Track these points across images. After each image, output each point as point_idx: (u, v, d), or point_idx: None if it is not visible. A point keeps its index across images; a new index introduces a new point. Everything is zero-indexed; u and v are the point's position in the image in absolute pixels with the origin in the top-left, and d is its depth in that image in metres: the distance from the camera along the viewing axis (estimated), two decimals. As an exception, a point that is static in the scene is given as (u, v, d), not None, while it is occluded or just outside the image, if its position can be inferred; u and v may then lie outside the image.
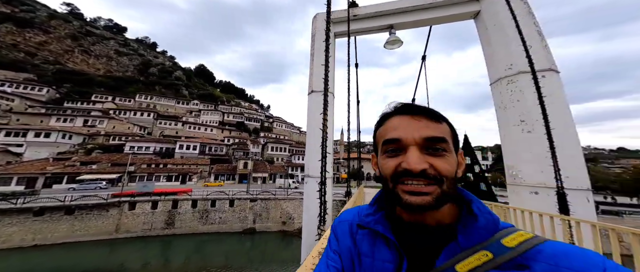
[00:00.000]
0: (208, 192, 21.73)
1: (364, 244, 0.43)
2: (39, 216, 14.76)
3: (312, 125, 5.16)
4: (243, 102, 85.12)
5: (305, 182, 4.98)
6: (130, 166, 26.45)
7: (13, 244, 13.60)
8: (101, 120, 37.83)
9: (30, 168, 22.30)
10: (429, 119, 0.38)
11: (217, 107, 63.52)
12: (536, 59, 3.79)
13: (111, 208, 17.23)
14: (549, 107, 3.56)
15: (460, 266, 0.33)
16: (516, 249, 0.33)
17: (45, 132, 28.36)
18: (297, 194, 22.35)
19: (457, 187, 0.39)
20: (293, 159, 45.12)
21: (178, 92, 67.03)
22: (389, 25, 6.10)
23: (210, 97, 71.48)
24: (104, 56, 70.06)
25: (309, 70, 6.02)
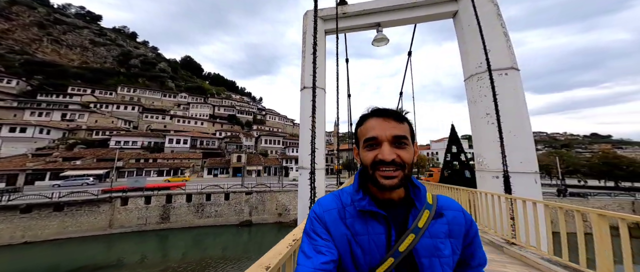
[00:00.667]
0: (203, 186, 21.74)
1: (356, 225, 0.51)
2: (26, 213, 14.25)
3: (304, 121, 5.47)
4: (234, 95, 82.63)
5: (300, 174, 5.43)
6: (118, 161, 25.54)
7: (2, 242, 13.17)
8: (81, 114, 35.56)
9: (9, 165, 20.98)
10: (396, 121, 0.51)
11: (206, 100, 61.35)
12: (500, 58, 4.33)
13: (102, 204, 16.90)
14: (508, 101, 4.08)
15: (420, 223, 0.50)
16: (433, 204, 0.53)
17: (20, 126, 26.39)
18: (292, 186, 22.92)
19: (412, 170, 0.54)
20: (287, 151, 45.17)
21: (163, 84, 63.65)
22: (377, 23, 6.45)
23: (199, 89, 68.64)
24: (78, 46, 64.32)
25: (301, 66, 6.26)
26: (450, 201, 0.56)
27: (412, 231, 0.49)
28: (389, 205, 0.53)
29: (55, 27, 64.61)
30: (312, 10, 5.92)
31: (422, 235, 0.49)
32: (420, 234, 0.49)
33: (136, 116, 42.46)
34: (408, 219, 0.51)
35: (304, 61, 6.24)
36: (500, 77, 4.25)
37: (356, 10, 6.50)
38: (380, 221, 0.51)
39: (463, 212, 0.55)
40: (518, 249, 2.68)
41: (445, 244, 0.50)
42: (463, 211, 0.55)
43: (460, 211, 0.54)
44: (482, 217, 3.62)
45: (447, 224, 0.52)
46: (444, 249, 0.50)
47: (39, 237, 14.17)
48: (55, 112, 33.34)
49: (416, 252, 0.48)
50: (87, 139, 31.23)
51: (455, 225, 0.53)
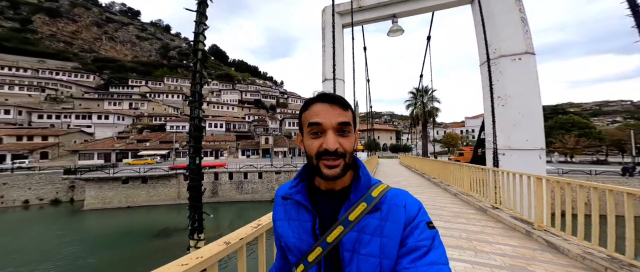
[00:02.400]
0: (240, 166, 24.97)
1: (292, 211, 0.54)
2: (125, 183, 18.93)
3: None
4: (258, 80, 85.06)
5: None
6: (175, 143, 30.47)
7: (114, 206, 18.11)
8: (142, 102, 41.74)
9: (103, 145, 26.98)
10: (341, 107, 0.49)
11: (234, 86, 64.91)
12: (515, 44, 4.35)
13: (171, 178, 21.04)
14: (519, 85, 4.30)
15: (351, 215, 0.48)
16: (376, 197, 0.49)
17: (104, 114, 32.77)
18: None
19: (354, 157, 0.52)
20: None
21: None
22: (392, 14, 6.49)
23: (227, 77, 72.42)
24: (128, 42, 71.55)
25: (322, 60, 6.64)
26: (401, 196, 0.50)
27: (340, 223, 0.48)
28: (329, 194, 0.52)
29: (108, 25, 72.15)
30: (330, 7, 6.12)
31: (351, 228, 0.47)
32: (349, 227, 0.47)
33: (181, 103, 47.93)
34: (340, 210, 0.50)
35: (325, 55, 6.53)
36: (514, 63, 4.36)
37: (372, 3, 6.51)
38: (309, 210, 0.52)
39: (405, 207, 0.48)
40: (498, 212, 3.46)
41: (371, 241, 0.46)
42: (406, 206, 0.48)
43: (402, 206, 0.48)
44: (477, 187, 4.31)
45: (380, 219, 0.48)
46: (366, 245, 0.46)
47: (135, 203, 18.87)
48: (124, 102, 39.84)
49: (342, 244, 0.48)
50: (149, 124, 37.24)
51: (389, 222, 0.47)
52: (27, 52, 49.01)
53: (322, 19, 6.79)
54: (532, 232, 2.76)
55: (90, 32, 67.65)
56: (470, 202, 4.22)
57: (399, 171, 11.63)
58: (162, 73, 58.46)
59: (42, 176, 19.32)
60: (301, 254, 0.51)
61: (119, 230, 14.20)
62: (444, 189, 5.70)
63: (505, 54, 4.32)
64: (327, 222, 0.50)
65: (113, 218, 16.31)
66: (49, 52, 51.86)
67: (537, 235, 2.67)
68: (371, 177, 0.54)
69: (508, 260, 2.36)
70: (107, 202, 18.16)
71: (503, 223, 3.23)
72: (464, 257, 2.45)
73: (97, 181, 18.27)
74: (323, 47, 6.59)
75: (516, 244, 2.65)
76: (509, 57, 4.30)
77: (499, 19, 4.55)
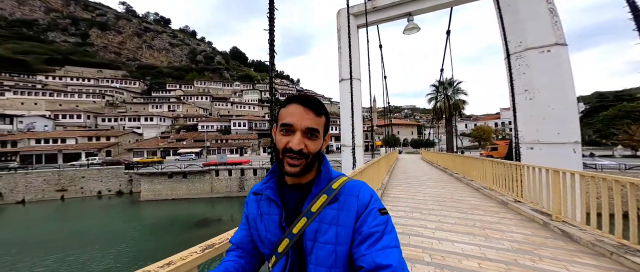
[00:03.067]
0: (262, 163, 26.74)
1: (263, 206, 0.58)
2: (170, 178, 21.93)
3: (344, 108, 6.30)
4: (275, 79, 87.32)
5: (343, 151, 6.57)
6: (207, 141, 33.69)
7: (162, 197, 21.18)
8: (177, 105, 46.45)
9: (151, 144, 31.08)
10: (315, 113, 0.52)
11: (255, 86, 67.90)
12: (542, 35, 4.13)
13: (205, 174, 23.55)
14: (547, 76, 4.07)
15: (313, 207, 0.51)
16: (336, 189, 0.53)
17: (149, 117, 37.47)
18: (333, 163, 25.39)
19: (320, 156, 0.56)
20: None
21: (221, 75, 73.18)
22: (407, 13, 6.37)
23: (247, 77, 75.96)
24: (162, 49, 78.86)
25: (338, 61, 6.77)
26: (355, 186, 0.54)
27: (304, 215, 0.51)
28: (295, 188, 0.56)
29: (146, 34, 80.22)
30: (345, 10, 6.31)
31: (314, 219, 0.50)
32: (311, 218, 0.50)
33: (209, 105, 52.04)
34: (304, 203, 0.53)
35: (341, 56, 6.63)
36: (542, 55, 4.06)
37: (386, 3, 6.46)
38: (277, 204, 0.55)
39: (357, 196, 0.51)
40: (519, 205, 3.44)
41: (328, 229, 0.49)
42: (358, 195, 0.51)
43: (355, 196, 0.51)
44: (501, 181, 4.28)
45: (337, 209, 0.51)
46: (324, 234, 0.49)
47: (178, 196, 21.73)
48: (164, 105, 44.79)
49: (305, 235, 0.50)
50: (184, 125, 41.48)
51: (344, 211, 0.50)
52: (88, 63, 57.52)
53: (337, 21, 6.91)
54: (549, 223, 2.80)
55: (133, 42, 76.14)
56: (492, 196, 4.21)
57: (419, 166, 11.32)
58: (191, 76, 63.76)
59: (109, 171, 23.26)
60: (272, 245, 0.54)
61: (167, 219, 16.65)
62: (467, 184, 5.64)
63: (532, 47, 4.17)
64: (292, 214, 0.54)
65: (161, 208, 19.11)
66: (103, 63, 60.11)
67: (553, 225, 2.72)
68: (333, 171, 0.58)
69: (516, 245, 2.42)
70: (157, 194, 21.25)
71: (522, 215, 3.25)
72: (473, 242, 2.57)
73: (149, 176, 21.43)
74: (339, 48, 6.73)
75: (530, 233, 2.69)
76: (536, 49, 4.15)
77: (524, 10, 4.35)
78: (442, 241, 2.67)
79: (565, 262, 2.11)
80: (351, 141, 5.11)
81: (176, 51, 79.88)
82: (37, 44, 59.93)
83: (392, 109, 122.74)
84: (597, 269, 1.95)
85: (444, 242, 2.63)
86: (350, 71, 5.59)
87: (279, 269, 0.52)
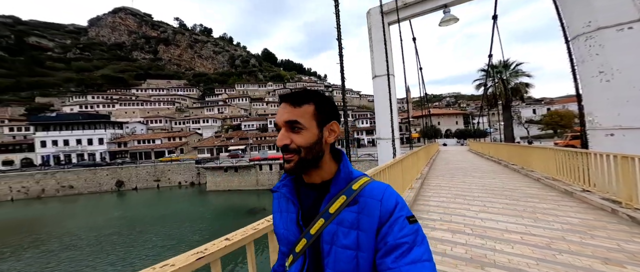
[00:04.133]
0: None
1: (282, 204, 0.56)
2: (226, 172, 26.29)
3: (379, 103, 6.33)
4: (303, 77, 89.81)
5: (379, 144, 6.66)
6: (247, 139, 38.20)
7: (221, 188, 25.71)
8: (224, 107, 53.37)
9: (209, 143, 37.23)
10: (291, 105, 0.49)
11: (285, 85, 71.37)
12: (618, 12, 3.62)
13: (252, 169, 27.12)
14: (635, 55, 3.48)
15: (331, 208, 0.48)
16: (356, 190, 0.48)
17: (205, 119, 44.54)
18: (365, 156, 24.85)
19: (339, 153, 0.52)
20: (356, 123, 45.55)
21: (256, 77, 79.27)
22: (443, 5, 5.94)
23: (278, 77, 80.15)
24: (209, 57, 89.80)
25: (370, 58, 6.72)
26: (378, 189, 0.48)
27: (321, 216, 0.48)
28: (311, 187, 0.53)
29: (196, 45, 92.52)
30: (375, 9, 6.34)
31: (332, 221, 0.47)
32: (329, 219, 0.47)
33: (248, 105, 57.79)
34: (321, 203, 0.49)
35: (373, 54, 6.61)
36: (621, 33, 3.56)
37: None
38: (294, 202, 0.53)
39: (381, 201, 0.45)
40: (587, 194, 3.26)
41: (348, 233, 0.45)
42: (382, 199, 0.46)
43: (378, 200, 0.46)
44: (567, 170, 4.02)
45: (357, 212, 0.46)
46: (343, 239, 0.46)
47: (232, 187, 25.89)
48: (214, 108, 52.15)
49: (322, 237, 0.48)
50: (231, 125, 47.64)
51: (364, 215, 0.45)
52: (160, 75, 70.95)
53: (368, 21, 6.85)
54: (618, 210, 2.58)
55: (187, 53, 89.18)
56: (555, 186, 4.00)
57: (465, 158, 10.55)
58: (233, 81, 71.33)
59: (185, 165, 29.34)
60: (290, 244, 0.53)
61: (227, 207, 20.29)
62: (525, 175, 5.29)
63: (606, 26, 3.69)
64: (309, 214, 0.51)
65: (221, 197, 23.25)
66: (170, 74, 72.98)
67: (622, 212, 2.50)
68: (354, 171, 0.54)
69: (569, 227, 2.22)
70: (217, 185, 25.80)
71: (588, 204, 3.02)
72: (519, 222, 2.44)
73: (211, 170, 26.13)
74: (371, 46, 6.70)
75: (591, 218, 2.50)
76: (612, 28, 3.66)
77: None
78: (486, 220, 2.60)
79: (620, 240, 1.96)
80: (390, 134, 5.51)
81: (219, 58, 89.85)
82: (127, 62, 76.83)
83: (430, 97, 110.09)
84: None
85: (488, 221, 2.55)
86: (387, 67, 5.67)
87: (297, 269, 0.51)
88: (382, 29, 6.22)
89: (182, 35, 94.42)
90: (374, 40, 6.52)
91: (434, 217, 2.83)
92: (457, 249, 2.01)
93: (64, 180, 25.60)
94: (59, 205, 22.24)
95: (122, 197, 24.91)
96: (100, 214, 18.89)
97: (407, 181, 4.00)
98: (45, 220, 17.94)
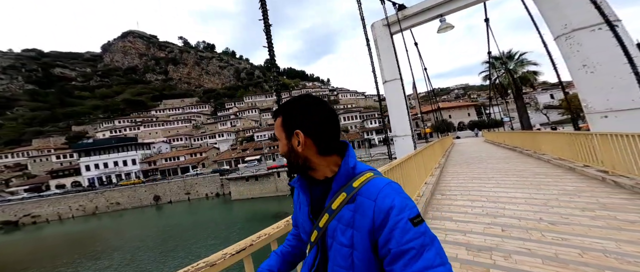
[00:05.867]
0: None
1: (300, 195, 0.61)
2: (247, 181, 29.00)
3: (391, 104, 6.65)
4: (307, 83, 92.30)
5: (395, 141, 6.71)
6: (265, 148, 41.08)
7: (244, 197, 28.11)
8: (236, 120, 56.69)
9: (226, 156, 40.29)
10: (273, 119, 0.57)
11: (291, 93, 74.22)
12: (588, 16, 3.89)
13: (270, 176, 29.32)
14: (610, 52, 3.64)
15: (333, 204, 0.50)
16: (356, 188, 0.49)
17: (221, 133, 47.89)
18: (379, 156, 25.75)
19: (342, 150, 0.55)
20: (365, 124, 45.89)
21: (262, 88, 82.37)
22: (438, 15, 6.61)
23: (283, 86, 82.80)
24: (215, 73, 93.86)
25: (378, 65, 7.21)
26: (375, 187, 0.47)
27: (326, 211, 0.51)
28: (317, 183, 0.56)
29: (202, 62, 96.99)
30: (378, 22, 6.80)
31: (334, 217, 0.49)
32: (332, 215, 0.50)
33: (258, 116, 60.86)
34: (327, 197, 0.53)
35: (381, 62, 6.91)
36: (593, 33, 3.92)
37: (415, 10, 6.54)
38: (307, 196, 0.58)
39: (375, 201, 0.44)
40: (586, 169, 3.69)
41: (345, 231, 0.47)
42: (377, 199, 0.44)
43: (372, 200, 0.45)
44: (570, 150, 4.40)
45: (353, 211, 0.47)
46: (340, 236, 0.48)
47: (254, 195, 27.96)
48: (227, 122, 55.57)
49: (327, 231, 0.51)
50: (244, 137, 50.75)
51: (359, 214, 0.46)
52: (173, 95, 75.47)
53: (372, 32, 7.12)
54: (606, 178, 3.00)
55: (195, 71, 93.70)
56: (562, 165, 4.33)
57: (481, 148, 10.92)
58: (241, 94, 74.60)
59: (209, 178, 32.30)
60: (306, 234, 0.58)
61: (253, 213, 21.92)
62: (537, 159, 5.56)
63: (580, 27, 4.03)
64: (317, 207, 0.55)
65: (246, 205, 25.08)
66: (182, 93, 77.41)
67: (609, 179, 2.96)
68: (359, 165, 0.53)
69: (563, 191, 2.76)
70: (241, 194, 28.33)
71: (586, 176, 3.43)
72: (526, 191, 2.99)
73: (234, 180, 28.75)
74: (378, 55, 6.96)
75: (583, 185, 2.93)
76: (586, 29, 4.00)
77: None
78: (498, 191, 3.22)
79: (599, 197, 2.46)
80: (406, 130, 6.10)
81: (225, 73, 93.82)
82: (142, 85, 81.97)
83: (438, 91, 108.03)
84: (622, 199, 2.27)
85: (500, 192, 3.16)
86: (399, 72, 6.20)
87: (311, 257, 0.55)
88: (388, 39, 6.74)
89: (188, 53, 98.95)
90: (380, 49, 6.82)
91: (455, 193, 3.49)
92: (476, 209, 2.71)
93: (112, 198, 28.65)
94: (111, 220, 24.93)
95: (160, 210, 27.71)
96: (150, 226, 21.54)
97: (428, 169, 4.54)
98: (104, 233, 20.79)
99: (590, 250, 1.63)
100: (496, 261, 1.65)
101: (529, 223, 2.17)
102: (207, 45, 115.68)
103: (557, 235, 1.89)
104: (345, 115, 48.83)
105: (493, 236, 2.02)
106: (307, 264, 0.57)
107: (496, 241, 1.93)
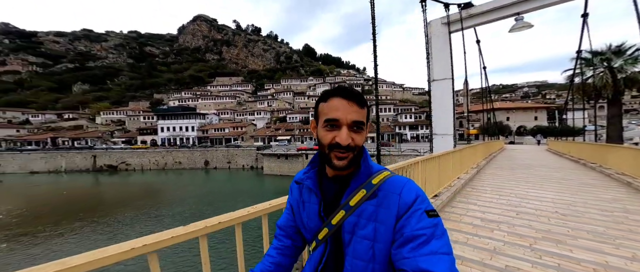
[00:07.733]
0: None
1: (304, 194, 0.59)
2: (278, 158, 30.13)
3: (436, 104, 6.45)
4: (342, 70, 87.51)
5: (434, 138, 6.55)
6: (296, 130, 41.71)
7: (274, 173, 29.63)
8: (273, 101, 59.18)
9: (261, 133, 42.83)
10: (358, 105, 0.49)
11: (325, 79, 71.81)
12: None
13: (300, 157, 29.82)
14: None
15: (352, 201, 0.50)
16: (376, 184, 0.49)
17: (259, 111, 51.01)
18: (410, 151, 23.47)
19: (362, 149, 0.53)
20: (399, 118, 42.88)
21: (298, 72, 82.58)
22: (516, 13, 5.40)
23: (318, 72, 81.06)
24: (259, 55, 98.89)
25: (429, 64, 6.50)
26: (398, 183, 0.49)
27: (342, 208, 0.51)
28: (335, 180, 0.55)
29: (249, 44, 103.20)
30: (436, 21, 6.25)
31: (352, 213, 0.49)
32: (350, 212, 0.50)
33: (292, 99, 61.88)
34: (342, 195, 0.52)
35: (432, 61, 6.60)
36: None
37: (485, 9, 5.74)
38: (317, 194, 0.56)
39: (400, 195, 0.47)
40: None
41: (366, 225, 0.48)
42: (401, 193, 0.47)
43: (397, 193, 0.47)
44: None
45: (376, 206, 0.48)
46: (362, 229, 0.48)
47: (283, 173, 29.13)
48: (265, 101, 58.64)
49: (343, 227, 0.50)
50: (278, 117, 52.79)
51: (383, 208, 0.47)
52: (224, 73, 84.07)
53: (428, 31, 6.81)
54: (631, 183, 3.44)
55: (243, 52, 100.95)
56: (620, 179, 4.27)
57: (537, 156, 10.01)
58: (279, 76, 77.08)
59: (246, 151, 35.23)
60: (312, 232, 0.56)
61: (282, 188, 23.59)
62: (600, 172, 5.42)
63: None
64: (329, 205, 0.54)
65: (275, 181, 26.42)
66: (231, 72, 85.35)
67: (636, 185, 3.35)
68: (374, 165, 0.55)
69: (597, 198, 3.01)
70: (272, 170, 29.85)
71: (636, 190, 3.47)
72: (559, 194, 3.26)
73: (267, 156, 30.34)
74: (431, 53, 6.71)
75: (623, 196, 3.08)
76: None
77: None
78: (530, 192, 3.40)
79: (629, 206, 2.76)
80: (446, 130, 6.01)
81: (267, 55, 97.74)
82: (203, 63, 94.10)
83: (497, 88, 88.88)
84: (624, 194, 2.96)
85: (531, 192, 3.37)
86: (451, 72, 5.90)
87: (319, 254, 0.55)
88: (445, 38, 6.27)
89: (239, 36, 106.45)
90: (434, 48, 6.41)
91: (486, 188, 3.75)
92: (501, 202, 3.07)
93: (176, 157, 35.07)
94: (175, 177, 30.77)
95: (208, 173, 32.39)
96: (202, 186, 25.30)
97: (464, 167, 4.68)
98: (170, 187, 25.85)
99: (582, 238, 2.00)
100: (501, 227, 2.28)
101: (543, 213, 2.60)
102: (255, 29, 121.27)
103: (561, 221, 2.36)
104: (379, 107, 45.22)
105: (506, 216, 2.57)
106: (312, 261, 0.56)
107: (507, 219, 2.48)
